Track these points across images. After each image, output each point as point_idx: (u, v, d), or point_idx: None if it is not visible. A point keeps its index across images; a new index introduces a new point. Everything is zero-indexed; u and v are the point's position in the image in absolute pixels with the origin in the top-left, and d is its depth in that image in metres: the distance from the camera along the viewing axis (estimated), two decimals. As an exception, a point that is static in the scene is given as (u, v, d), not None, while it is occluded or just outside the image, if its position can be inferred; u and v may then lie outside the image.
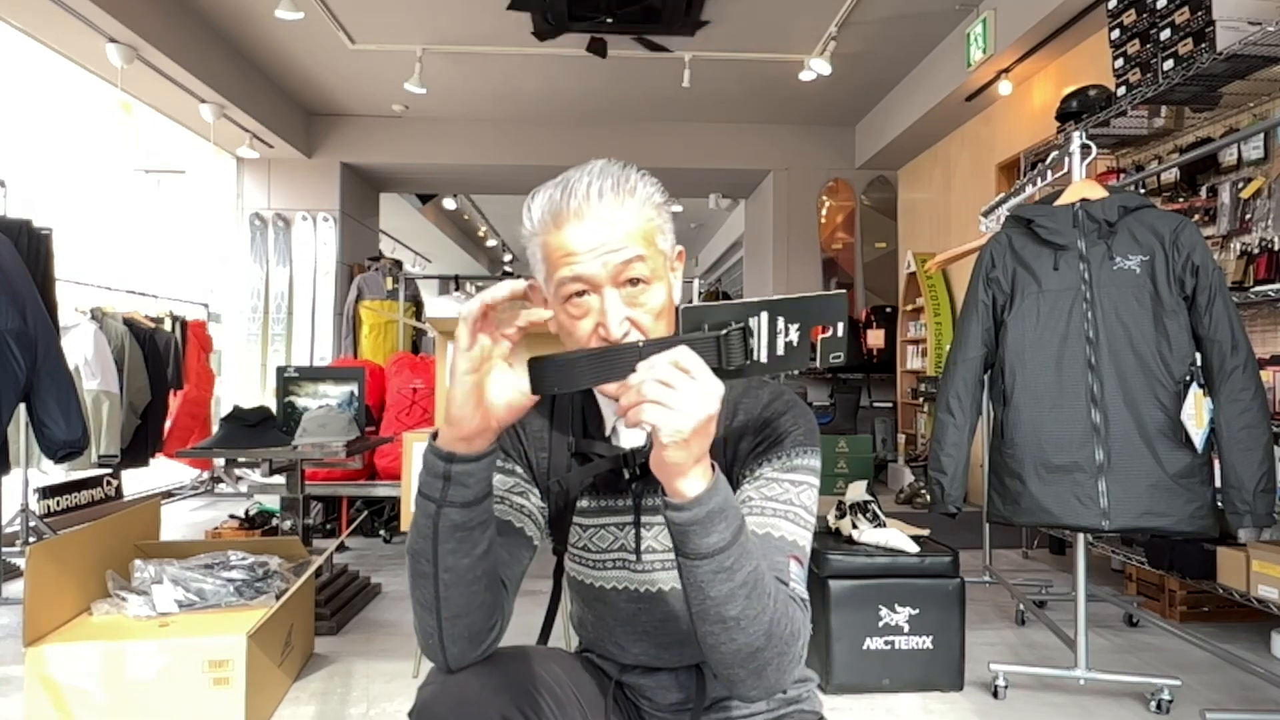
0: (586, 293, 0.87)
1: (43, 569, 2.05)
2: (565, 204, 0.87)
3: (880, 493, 6.36)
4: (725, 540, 0.76)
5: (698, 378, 0.72)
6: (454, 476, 0.81)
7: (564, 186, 0.88)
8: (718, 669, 0.82)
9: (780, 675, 0.82)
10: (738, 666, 0.80)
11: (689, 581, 0.78)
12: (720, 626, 0.78)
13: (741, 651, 0.79)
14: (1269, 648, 2.79)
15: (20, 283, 3.06)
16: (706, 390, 0.72)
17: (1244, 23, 2.81)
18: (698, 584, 0.77)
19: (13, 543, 4.09)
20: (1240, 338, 2.11)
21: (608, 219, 0.86)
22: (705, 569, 0.76)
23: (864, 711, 2.31)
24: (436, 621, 0.85)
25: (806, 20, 5.39)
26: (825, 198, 7.84)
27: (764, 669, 0.80)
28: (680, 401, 0.71)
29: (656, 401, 0.71)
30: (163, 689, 2.00)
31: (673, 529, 0.76)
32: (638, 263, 0.86)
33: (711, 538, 0.75)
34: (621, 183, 0.88)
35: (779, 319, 0.77)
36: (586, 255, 0.85)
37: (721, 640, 0.79)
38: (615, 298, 0.86)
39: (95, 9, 4.36)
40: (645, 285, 0.88)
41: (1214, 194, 3.40)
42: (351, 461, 3.17)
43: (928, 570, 2.43)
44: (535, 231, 0.90)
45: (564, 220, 0.86)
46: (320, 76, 6.48)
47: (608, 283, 0.86)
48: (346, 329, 7.19)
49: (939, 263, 4.07)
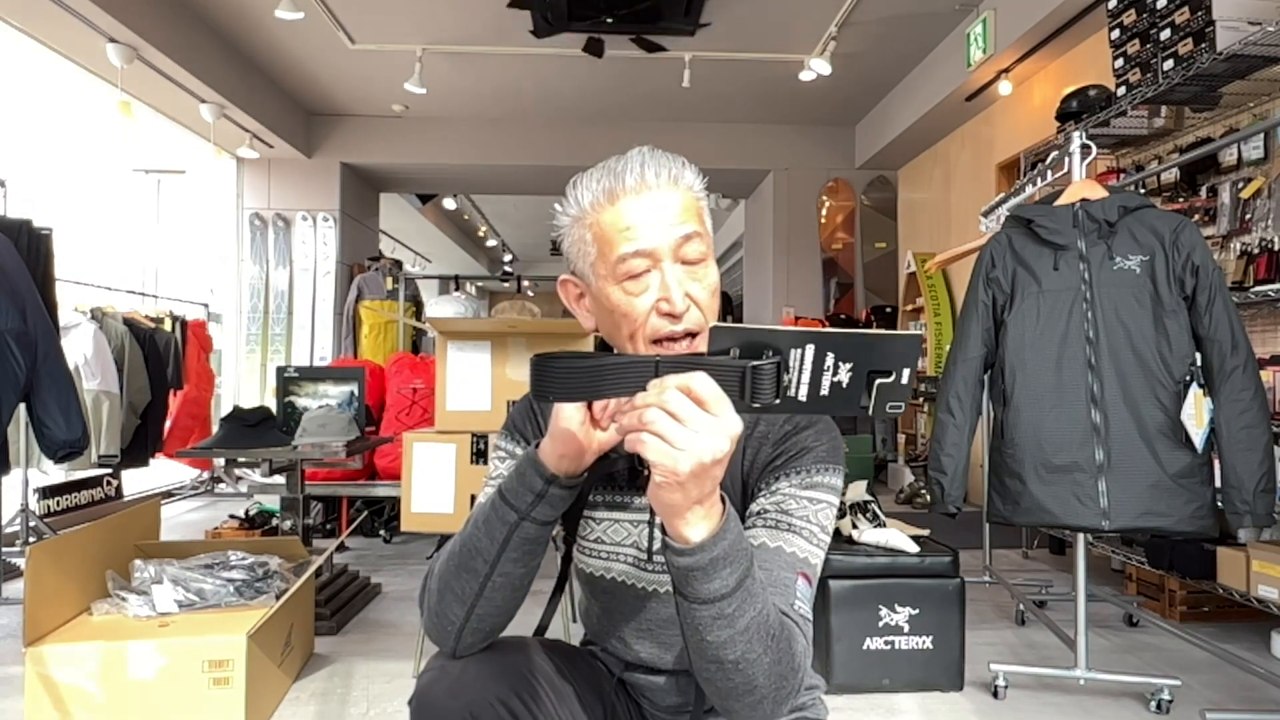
0: (645, 271, 0.85)
1: (43, 569, 2.05)
2: (620, 182, 0.86)
3: (880, 493, 6.36)
4: (728, 587, 0.70)
5: (713, 412, 0.63)
6: (548, 496, 0.81)
7: (612, 170, 0.87)
8: (713, 699, 0.79)
9: (778, 707, 0.78)
10: (733, 700, 0.77)
11: (686, 621, 0.73)
12: (716, 667, 0.74)
13: (739, 689, 0.75)
14: (1269, 648, 2.79)
15: (20, 283, 3.05)
16: (718, 429, 0.63)
17: (1244, 23, 2.81)
18: (694, 625, 0.73)
19: (13, 543, 4.09)
20: (1240, 338, 2.11)
21: (664, 195, 0.86)
22: (704, 614, 0.71)
23: (864, 711, 2.31)
24: (466, 614, 0.85)
25: (806, 20, 5.39)
26: (825, 198, 7.83)
27: (760, 703, 0.77)
28: (684, 439, 0.63)
29: (657, 434, 0.63)
30: (163, 689, 2.00)
31: (675, 573, 0.71)
32: (696, 239, 0.86)
33: (713, 584, 0.70)
34: (672, 163, 0.88)
35: (828, 354, 0.64)
36: (648, 228, 0.85)
37: (717, 678, 0.75)
38: (677, 270, 0.86)
39: (95, 9, 4.36)
40: (702, 263, 0.88)
41: (1214, 194, 3.40)
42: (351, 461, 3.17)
43: (928, 570, 2.43)
44: (583, 214, 0.88)
45: (619, 197, 0.86)
46: (320, 76, 6.48)
47: (669, 256, 0.85)
48: (346, 329, 7.19)
49: (939, 263, 4.07)
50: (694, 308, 0.86)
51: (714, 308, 0.89)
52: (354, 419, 3.27)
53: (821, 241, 7.85)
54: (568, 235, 0.91)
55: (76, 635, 2.05)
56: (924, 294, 6.45)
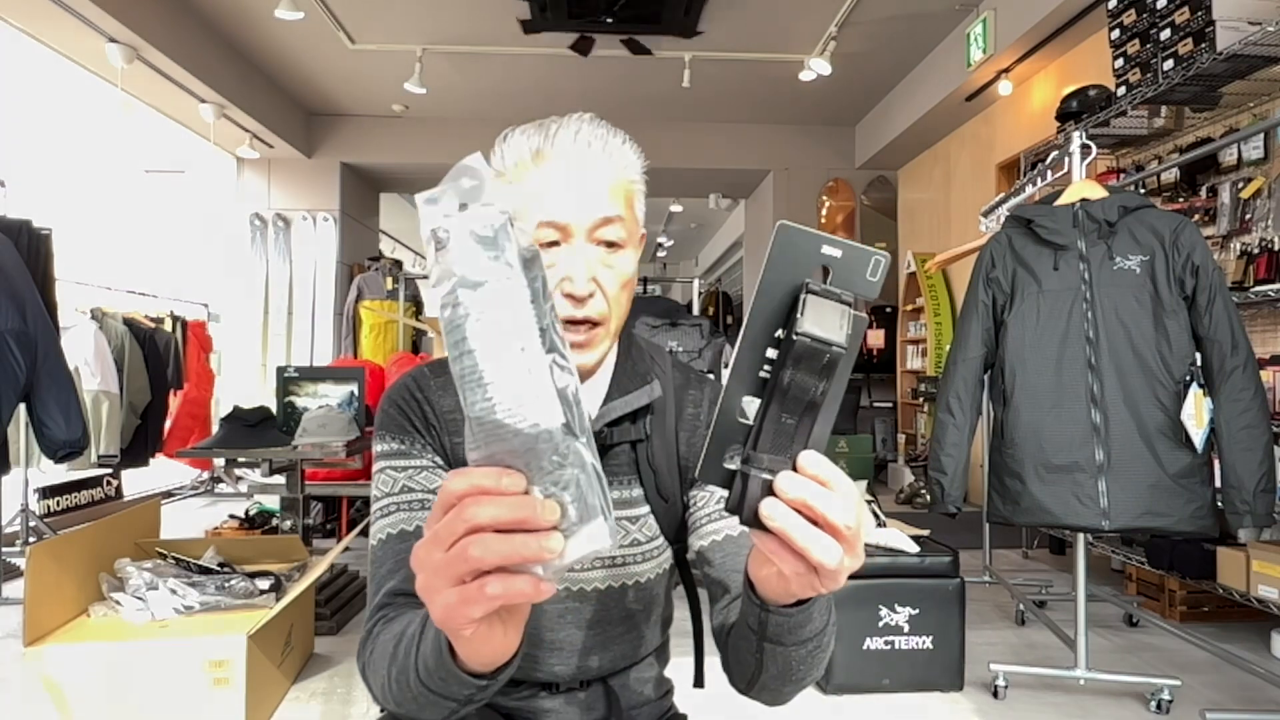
0: (553, 244, 0.78)
1: (43, 569, 2.05)
2: (550, 144, 0.79)
3: (880, 493, 6.37)
4: (824, 620, 0.67)
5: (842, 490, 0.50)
6: (490, 688, 0.61)
7: (546, 129, 0.80)
8: (761, 695, 0.75)
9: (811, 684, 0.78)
10: (779, 698, 0.75)
11: (773, 660, 0.68)
12: (794, 683, 0.72)
13: (793, 693, 0.74)
14: (1269, 648, 2.79)
15: (20, 283, 3.06)
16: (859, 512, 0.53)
17: (1244, 23, 2.81)
18: (785, 662, 0.68)
19: (13, 543, 4.09)
20: (1240, 338, 2.11)
21: (593, 169, 0.79)
22: (801, 652, 0.67)
23: (864, 711, 2.31)
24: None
25: (806, 20, 5.39)
26: (825, 198, 7.84)
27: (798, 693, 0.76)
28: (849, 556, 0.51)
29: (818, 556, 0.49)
30: (163, 689, 2.00)
31: (774, 628, 0.64)
32: (616, 223, 0.79)
33: (814, 624, 0.66)
34: (609, 137, 0.81)
35: None
36: (566, 199, 0.77)
37: (787, 685, 0.72)
38: (590, 251, 0.78)
39: (95, 9, 4.36)
40: (619, 249, 0.81)
41: (1214, 194, 3.40)
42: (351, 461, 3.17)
43: (928, 570, 2.43)
44: (504, 170, 0.81)
45: (545, 159, 0.78)
46: (320, 76, 6.48)
47: (582, 234, 0.78)
48: (346, 329, 7.19)
49: (939, 263, 4.07)
50: (600, 294, 0.79)
51: (622, 302, 0.82)
52: (354, 419, 3.27)
53: (821, 241, 7.84)
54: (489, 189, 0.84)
55: (76, 635, 2.05)
56: (924, 294, 6.45)
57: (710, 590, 0.86)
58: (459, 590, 0.46)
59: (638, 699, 0.94)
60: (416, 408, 0.85)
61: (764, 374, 0.48)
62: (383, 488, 0.84)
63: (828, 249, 0.48)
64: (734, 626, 0.75)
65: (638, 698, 0.94)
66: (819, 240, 0.48)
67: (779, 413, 0.47)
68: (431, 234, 0.43)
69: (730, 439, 0.49)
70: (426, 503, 0.82)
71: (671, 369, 0.95)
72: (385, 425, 0.85)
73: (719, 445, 0.49)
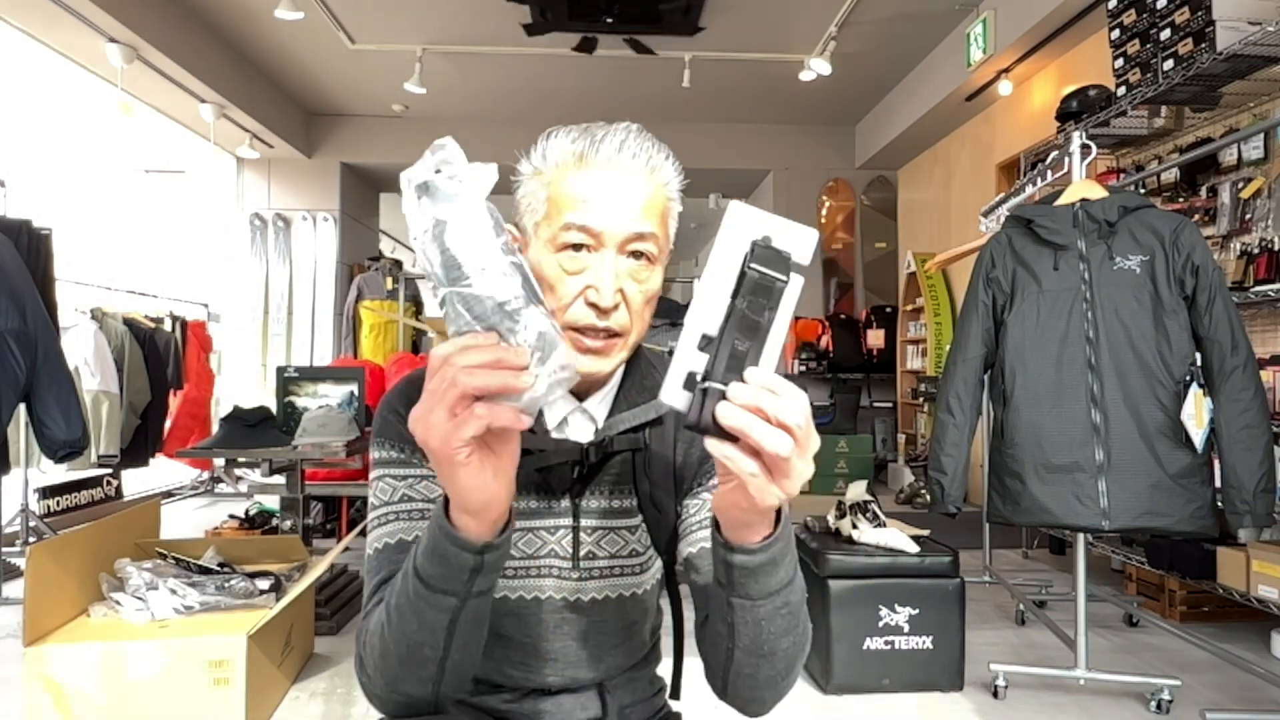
0: (586, 248, 0.78)
1: (43, 569, 2.05)
2: (595, 149, 0.79)
3: (880, 493, 6.37)
4: (789, 574, 0.69)
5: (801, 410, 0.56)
6: (485, 566, 0.67)
7: (592, 134, 0.80)
8: (741, 694, 0.76)
9: (790, 687, 0.78)
10: (766, 689, 0.75)
11: (742, 619, 0.70)
12: (768, 660, 0.72)
13: (778, 676, 0.74)
14: (1269, 648, 2.79)
15: (20, 283, 3.06)
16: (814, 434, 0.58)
17: (1244, 23, 2.81)
18: (755, 621, 0.69)
19: (13, 543, 4.09)
20: (1240, 338, 2.11)
21: (633, 182, 0.79)
22: (767, 607, 0.69)
23: (864, 711, 2.31)
24: (434, 690, 0.74)
25: (806, 20, 5.39)
26: (825, 198, 7.84)
27: (787, 687, 0.77)
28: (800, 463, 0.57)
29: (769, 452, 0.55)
30: (163, 689, 2.00)
31: (736, 573, 0.67)
32: (649, 239, 0.80)
33: (779, 574, 0.67)
34: (654, 152, 0.81)
35: None
36: (604, 207, 0.78)
37: (762, 669, 0.73)
38: (620, 263, 0.79)
39: (95, 9, 4.36)
40: (649, 264, 0.81)
41: (1214, 194, 3.40)
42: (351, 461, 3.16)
43: (928, 570, 2.43)
44: (544, 169, 0.82)
45: (587, 164, 0.79)
46: (320, 76, 6.48)
47: (614, 245, 0.78)
48: (346, 329, 7.18)
49: (939, 263, 4.07)
50: (624, 308, 0.79)
51: (645, 316, 0.82)
52: (354, 419, 3.26)
53: (821, 241, 7.85)
54: (523, 185, 0.84)
55: (77, 635, 2.05)
56: (924, 294, 6.45)
57: (695, 598, 0.86)
58: (454, 419, 0.57)
59: (630, 698, 0.94)
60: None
61: (720, 313, 0.57)
62: (381, 495, 0.83)
63: (772, 222, 0.59)
64: (710, 611, 0.76)
65: (630, 697, 0.94)
66: (766, 217, 0.59)
67: (732, 338, 0.56)
68: (415, 188, 0.58)
69: (691, 364, 0.57)
70: (426, 512, 0.81)
71: None
72: (384, 431, 0.84)
73: (680, 368, 0.57)
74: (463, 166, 0.59)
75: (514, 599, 0.85)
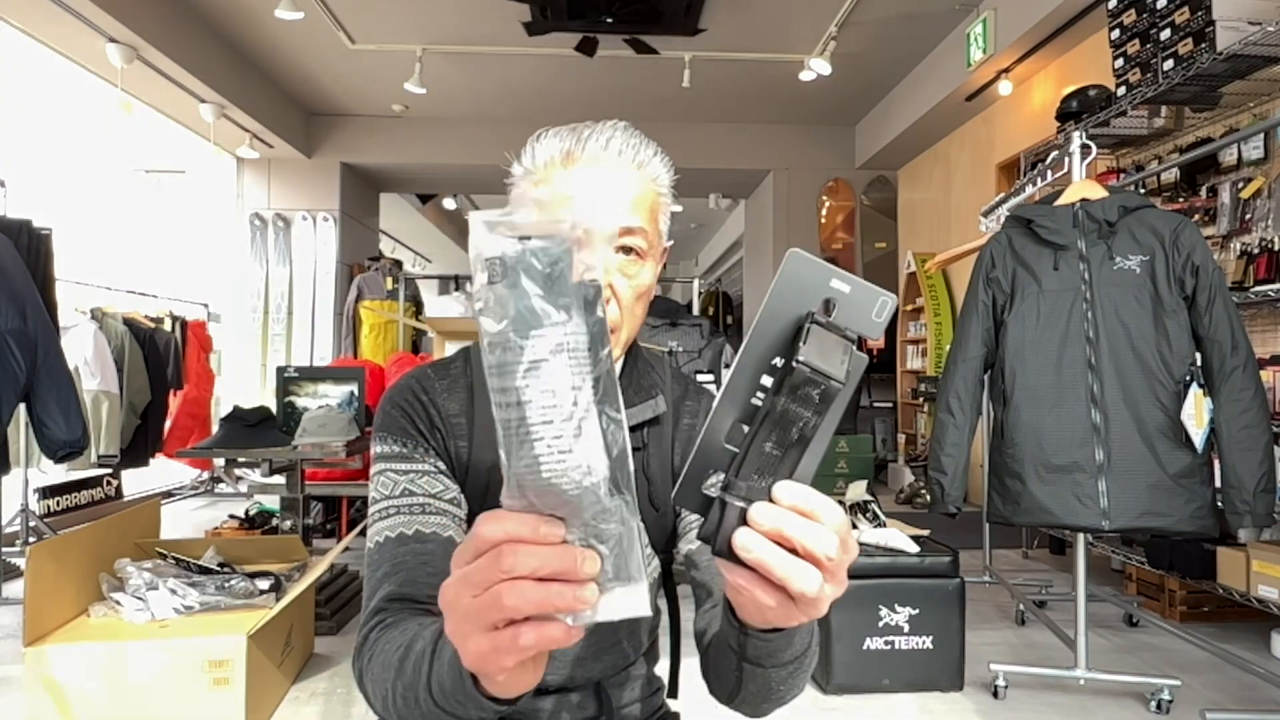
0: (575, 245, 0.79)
1: (43, 569, 2.05)
2: (581, 147, 0.80)
3: (880, 493, 6.37)
4: (805, 643, 0.66)
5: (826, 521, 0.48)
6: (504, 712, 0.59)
7: (578, 133, 0.81)
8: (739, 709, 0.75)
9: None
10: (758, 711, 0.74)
11: (754, 679, 0.67)
12: (772, 700, 0.71)
13: (784, 700, 0.73)
14: (1269, 648, 2.79)
15: (20, 283, 3.06)
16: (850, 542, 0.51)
17: (1244, 23, 2.81)
18: (766, 682, 0.67)
19: (13, 543, 4.09)
20: (1240, 338, 2.11)
21: (620, 177, 0.80)
22: (781, 674, 0.67)
23: (864, 711, 2.31)
24: None
25: (806, 20, 5.39)
26: (825, 198, 7.84)
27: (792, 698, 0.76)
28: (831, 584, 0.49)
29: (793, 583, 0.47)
30: (163, 689, 2.00)
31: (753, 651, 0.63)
32: (638, 233, 0.80)
33: (794, 647, 0.64)
34: (641, 148, 0.81)
35: None
36: (589, 204, 0.78)
37: (767, 704, 0.72)
38: (610, 258, 0.79)
39: (95, 9, 4.36)
40: (639, 259, 0.81)
41: (1214, 194, 3.40)
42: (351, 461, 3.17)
43: (928, 570, 2.43)
44: (534, 170, 0.82)
45: (575, 162, 0.79)
46: (320, 76, 6.48)
47: (602, 240, 0.78)
48: (346, 329, 7.19)
49: (939, 263, 4.07)
50: (615, 302, 0.79)
51: (636, 313, 0.82)
52: (354, 419, 3.27)
53: (821, 241, 7.85)
54: (515, 187, 0.84)
55: (77, 635, 2.05)
56: (924, 294, 6.45)
57: (695, 593, 0.86)
58: (491, 638, 0.45)
59: (628, 698, 0.94)
60: (421, 410, 0.84)
61: (756, 401, 0.47)
62: (382, 490, 0.82)
63: (837, 283, 0.47)
64: (714, 640, 0.73)
65: (628, 696, 0.94)
66: (829, 273, 0.47)
67: (765, 441, 0.46)
68: (486, 261, 0.40)
69: (713, 464, 0.48)
70: (428, 507, 0.80)
71: (671, 380, 0.95)
72: (387, 426, 0.84)
73: (699, 469, 0.48)
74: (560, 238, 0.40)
75: None
